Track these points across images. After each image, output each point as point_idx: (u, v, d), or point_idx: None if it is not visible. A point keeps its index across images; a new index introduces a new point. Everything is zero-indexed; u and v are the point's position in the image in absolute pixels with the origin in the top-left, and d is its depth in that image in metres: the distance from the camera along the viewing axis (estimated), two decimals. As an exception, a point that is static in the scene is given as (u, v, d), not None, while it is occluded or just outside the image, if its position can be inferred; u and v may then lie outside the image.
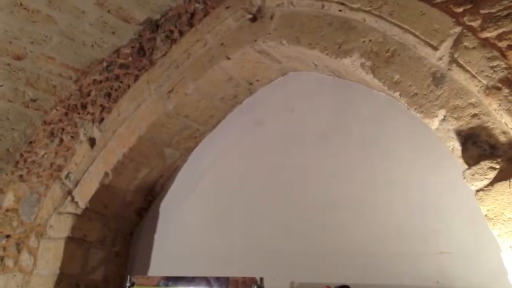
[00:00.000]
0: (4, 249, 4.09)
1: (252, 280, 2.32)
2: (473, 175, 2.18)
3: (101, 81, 4.13)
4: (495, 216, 2.13)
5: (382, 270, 2.64)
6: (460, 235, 2.51)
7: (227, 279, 2.45)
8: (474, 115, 2.17)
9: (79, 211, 3.69)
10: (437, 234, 2.58)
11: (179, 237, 3.68)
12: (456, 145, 2.22)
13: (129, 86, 3.85)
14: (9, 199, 4.31)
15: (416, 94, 2.34)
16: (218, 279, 2.48)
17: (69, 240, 3.64)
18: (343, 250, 2.82)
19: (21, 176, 4.34)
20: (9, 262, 3.96)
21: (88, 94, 4.17)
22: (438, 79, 2.29)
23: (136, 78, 3.83)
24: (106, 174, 3.66)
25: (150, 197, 3.97)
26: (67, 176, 3.88)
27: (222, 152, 3.69)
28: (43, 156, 4.23)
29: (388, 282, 2.60)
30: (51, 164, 4.10)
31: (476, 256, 2.43)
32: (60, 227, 3.71)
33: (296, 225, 3.08)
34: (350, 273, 2.70)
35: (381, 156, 2.89)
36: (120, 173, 3.69)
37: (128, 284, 2.84)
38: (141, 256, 3.87)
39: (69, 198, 3.77)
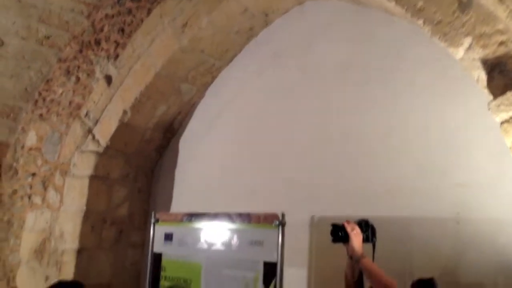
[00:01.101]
0: (31, 187, 4.19)
1: (274, 216, 2.34)
2: (499, 106, 2.12)
3: (113, 16, 4.02)
4: (520, 148, 2.09)
5: (403, 203, 2.65)
6: (481, 166, 2.49)
7: (248, 215, 2.48)
8: (502, 43, 2.07)
9: (100, 149, 3.73)
10: (458, 166, 2.56)
11: (199, 173, 3.72)
12: (482, 75, 2.14)
13: (142, 20, 3.75)
14: (31, 138, 4.37)
15: (440, 21, 2.23)
16: (240, 215, 2.52)
17: (93, 177, 3.72)
18: (363, 183, 2.83)
19: (41, 115, 4.36)
20: (37, 200, 4.08)
21: (101, 30, 4.09)
22: (464, 4, 2.17)
23: (149, 11, 3.72)
24: (125, 112, 3.66)
25: (169, 134, 3.98)
26: (86, 115, 3.89)
27: (239, 86, 3.64)
28: (61, 94, 4.23)
29: (409, 214, 2.62)
30: (70, 103, 4.11)
31: (497, 187, 2.42)
32: (83, 165, 3.77)
33: (316, 159, 3.07)
34: (370, 207, 2.71)
35: (402, 87, 2.82)
36: (138, 111, 3.69)
37: (153, 221, 2.90)
38: (163, 192, 3.94)
39: (90, 136, 3.81)
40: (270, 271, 2.31)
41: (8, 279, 4.14)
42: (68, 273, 3.59)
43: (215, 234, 2.60)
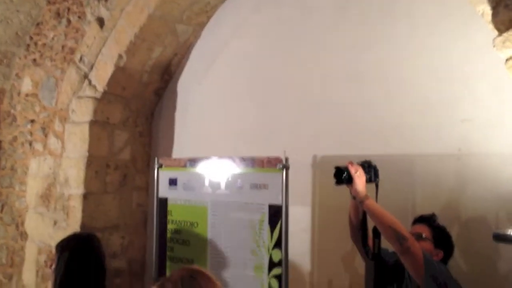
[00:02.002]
0: (31, 133, 4.19)
1: (277, 159, 2.35)
2: (504, 42, 2.07)
3: (99, -48, 3.84)
4: (524, 85, 2.07)
5: (405, 141, 2.66)
6: (484, 102, 2.48)
7: (252, 159, 2.49)
8: (508, -26, 2.00)
9: (98, 95, 3.68)
10: (461, 101, 2.55)
11: (199, 115, 3.70)
12: (487, 9, 2.08)
13: (130, -43, 3.59)
14: (27, 84, 4.31)
15: (444, -47, 2.14)
16: (243, 159, 2.53)
17: (93, 123, 3.70)
18: (365, 122, 2.83)
19: (34, 60, 4.28)
20: (38, 146, 4.09)
21: (88, -32, 3.92)
22: None
23: None
24: (120, 56, 3.58)
25: (167, 76, 3.91)
26: (80, 59, 3.81)
27: (236, 25, 3.54)
28: (53, 38, 4.12)
29: (411, 152, 2.64)
30: (63, 47, 4.01)
31: (500, 122, 2.42)
32: (82, 111, 3.74)
33: (318, 99, 3.05)
34: (373, 145, 2.73)
35: (403, 23, 2.76)
36: (133, 54, 3.60)
37: (156, 166, 2.92)
38: (164, 136, 3.94)
39: (86, 82, 3.75)
40: (275, 213, 2.36)
41: (17, 224, 4.24)
42: (76, 217, 3.67)
43: (219, 178, 2.63)
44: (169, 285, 1.64)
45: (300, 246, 2.88)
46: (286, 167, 2.32)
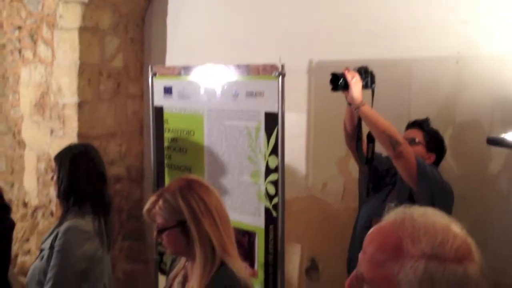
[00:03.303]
0: (19, 40, 4.07)
1: (273, 66, 2.30)
2: None
3: None
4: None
5: (403, 45, 2.61)
6: (485, 2, 2.39)
7: (247, 67, 2.44)
8: None
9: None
10: (461, 2, 2.47)
11: (192, 21, 3.56)
12: None
13: None
14: (10, -12, 4.12)
15: None
16: (238, 66, 2.48)
17: (82, 29, 3.57)
18: (362, 26, 2.75)
19: (15, -38, 4.05)
20: (28, 54, 3.99)
21: None
22: None
23: None
24: (105, -44, 3.38)
25: (156, -22, 3.74)
26: (63, -40, 3.60)
27: None
28: None
29: (409, 55, 2.59)
30: None
31: (500, 23, 2.36)
32: (70, 17, 3.60)
33: (313, 2, 2.93)
34: (370, 50, 2.67)
35: None
36: (119, -47, 3.40)
37: (150, 74, 2.87)
38: (156, 43, 3.83)
39: (72, -16, 3.58)
40: (272, 120, 2.35)
41: (14, 133, 4.26)
42: (72, 126, 3.68)
43: (215, 86, 2.59)
44: (168, 195, 1.68)
45: (296, 152, 2.92)
46: (282, 74, 2.28)
